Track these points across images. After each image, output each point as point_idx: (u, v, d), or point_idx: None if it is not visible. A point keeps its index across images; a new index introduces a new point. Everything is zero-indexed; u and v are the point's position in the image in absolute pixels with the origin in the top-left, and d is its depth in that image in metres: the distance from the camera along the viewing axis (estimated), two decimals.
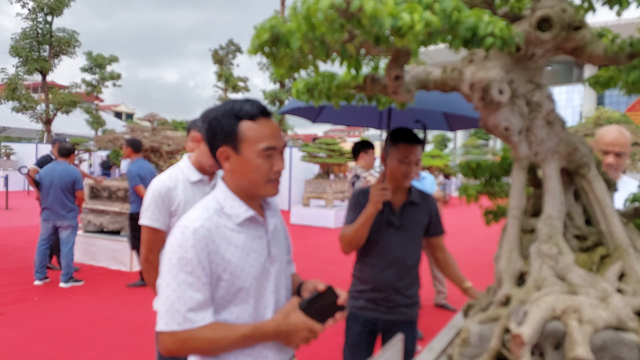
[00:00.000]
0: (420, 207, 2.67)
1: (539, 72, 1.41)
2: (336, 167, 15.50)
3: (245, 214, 1.51)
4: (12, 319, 5.29)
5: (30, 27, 25.36)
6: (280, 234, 1.68)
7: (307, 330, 1.46)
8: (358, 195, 2.65)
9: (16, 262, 7.97)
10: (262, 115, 1.49)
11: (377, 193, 2.39)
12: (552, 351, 1.18)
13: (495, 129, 1.39)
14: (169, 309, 1.41)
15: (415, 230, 2.66)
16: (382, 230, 2.59)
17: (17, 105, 25.28)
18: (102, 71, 30.59)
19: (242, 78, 30.27)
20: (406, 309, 2.66)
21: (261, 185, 1.49)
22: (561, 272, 1.30)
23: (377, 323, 2.63)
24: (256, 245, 1.53)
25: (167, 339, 1.42)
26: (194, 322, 1.40)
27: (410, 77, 1.50)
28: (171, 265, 1.43)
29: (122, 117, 55.39)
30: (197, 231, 1.43)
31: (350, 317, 2.66)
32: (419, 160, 2.61)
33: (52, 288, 6.59)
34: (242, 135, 1.47)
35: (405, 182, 2.58)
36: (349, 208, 2.67)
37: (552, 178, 1.41)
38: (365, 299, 2.64)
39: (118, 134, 8.79)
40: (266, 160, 1.47)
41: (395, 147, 2.57)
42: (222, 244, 1.46)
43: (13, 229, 11.43)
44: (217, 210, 1.51)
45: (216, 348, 1.45)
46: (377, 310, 2.62)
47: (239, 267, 1.47)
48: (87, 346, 4.59)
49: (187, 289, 1.40)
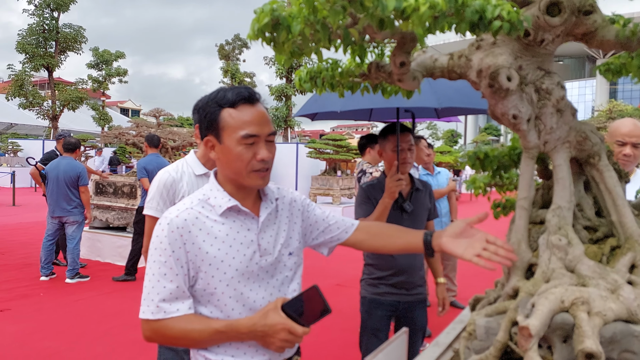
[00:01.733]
0: (423, 193, 2.95)
1: (549, 59, 1.37)
2: (343, 163, 15.44)
3: (226, 204, 1.46)
4: (18, 315, 5.30)
5: (36, 23, 25.47)
6: (283, 226, 1.59)
7: (286, 332, 1.36)
8: (366, 190, 2.84)
9: (22, 258, 8.00)
10: (244, 102, 1.43)
11: (394, 183, 2.58)
12: (561, 344, 1.15)
13: (503, 117, 1.35)
14: (145, 297, 1.41)
15: (423, 214, 2.94)
16: (396, 217, 2.78)
17: (23, 101, 25.40)
18: (108, 67, 30.70)
19: (248, 74, 30.29)
20: (421, 288, 2.91)
21: (245, 175, 1.44)
22: (570, 264, 1.26)
23: (398, 306, 2.85)
24: (241, 237, 1.47)
25: (144, 327, 1.42)
26: (167, 312, 1.38)
27: (416, 64, 1.46)
28: (150, 256, 1.43)
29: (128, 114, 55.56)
30: (172, 222, 1.41)
31: (371, 303, 2.86)
32: (412, 147, 2.83)
33: (58, 284, 6.60)
34: (222, 123, 1.43)
35: (403, 168, 2.78)
36: (359, 203, 2.86)
37: (562, 168, 1.38)
38: (387, 284, 2.84)
39: (124, 129, 8.80)
40: (248, 148, 1.41)
41: (387, 140, 2.84)
42: (201, 234, 1.42)
43: (20, 225, 11.48)
44: (202, 200, 1.48)
45: (189, 340, 1.41)
46: (398, 294, 2.83)
47: (219, 258, 1.42)
48: (92, 341, 4.59)
49: (161, 279, 1.39)
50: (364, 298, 2.92)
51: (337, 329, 4.91)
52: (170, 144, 8.27)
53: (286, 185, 4.08)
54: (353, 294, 5.70)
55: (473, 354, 1.30)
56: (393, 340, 1.35)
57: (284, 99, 27.28)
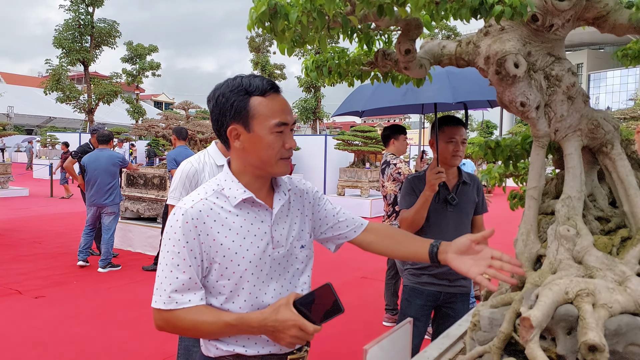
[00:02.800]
0: (470, 186, 2.92)
1: (560, 44, 1.33)
2: (372, 155, 15.31)
3: (241, 195, 1.45)
4: (53, 301, 5.50)
5: (72, 18, 26.15)
6: (295, 218, 1.59)
7: (296, 328, 1.35)
8: (411, 181, 2.87)
9: (58, 247, 8.28)
10: (273, 91, 1.42)
11: (434, 176, 2.59)
12: (564, 336, 1.12)
13: (511, 105, 1.32)
14: (158, 287, 1.41)
15: (469, 208, 2.91)
16: (440, 210, 2.82)
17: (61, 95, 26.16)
18: (142, 61, 31.29)
19: (278, 65, 30.35)
20: (464, 280, 2.87)
21: (273, 163, 1.44)
22: (578, 255, 1.23)
23: (439, 296, 2.85)
24: (255, 229, 1.46)
25: (155, 316, 1.43)
26: (178, 302, 1.39)
27: (423, 52, 1.44)
28: (163, 246, 1.43)
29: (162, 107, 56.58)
30: (187, 212, 1.40)
31: (413, 292, 2.88)
32: (465, 140, 2.84)
33: (91, 272, 6.81)
34: (253, 112, 1.41)
35: (454, 161, 2.80)
36: (404, 194, 2.90)
37: (573, 157, 1.34)
38: (429, 274, 2.84)
39: (154, 121, 8.97)
40: (278, 137, 1.42)
41: (442, 131, 2.83)
42: (215, 226, 1.42)
43: (56, 216, 11.87)
44: (216, 191, 1.47)
45: (200, 332, 1.42)
46: (440, 284, 2.83)
47: (232, 250, 1.42)
48: (122, 327, 4.73)
49: (174, 269, 1.39)
50: (405, 286, 2.95)
51: (361, 320, 4.91)
52: (199, 137, 8.39)
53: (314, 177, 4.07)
54: (378, 287, 5.69)
55: (477, 344, 1.29)
56: (396, 329, 1.34)
57: (313, 91, 27.27)
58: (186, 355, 2.47)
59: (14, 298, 5.56)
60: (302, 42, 1.23)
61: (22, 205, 13.64)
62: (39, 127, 37.08)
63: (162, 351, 4.16)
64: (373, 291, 5.79)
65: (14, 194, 15.74)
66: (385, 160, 5.04)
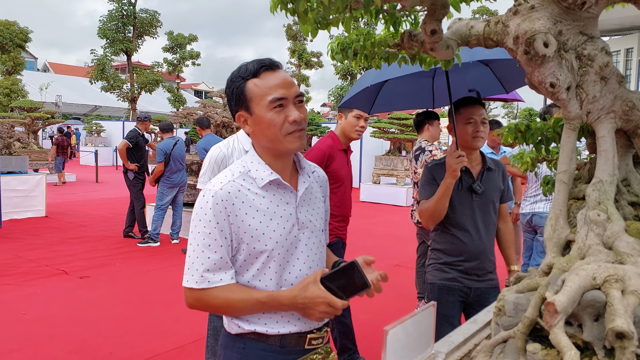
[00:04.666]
0: (496, 173, 2.74)
1: (593, 23, 1.28)
2: (409, 143, 15.13)
3: (268, 177, 1.48)
4: (96, 282, 5.74)
5: (115, 9, 26.79)
6: (317, 201, 1.63)
7: (325, 304, 1.41)
8: (432, 169, 2.68)
9: (102, 231, 8.61)
10: (266, 70, 1.45)
11: (454, 161, 2.43)
12: (591, 322, 1.09)
13: (540, 86, 1.28)
14: (190, 267, 1.45)
15: (495, 196, 2.73)
16: (465, 199, 2.65)
17: (105, 85, 26.91)
18: (182, 51, 31.81)
19: (315, 53, 30.28)
20: (492, 274, 2.72)
21: (281, 140, 1.45)
22: (608, 240, 1.19)
23: (469, 292, 2.68)
24: (281, 210, 1.50)
25: (187, 294, 1.46)
26: (210, 282, 1.43)
27: (451, 33, 1.41)
28: (194, 227, 1.46)
29: (201, 96, 57.49)
30: (216, 194, 1.44)
31: (441, 290, 2.70)
32: (485, 120, 2.64)
33: (132, 255, 7.06)
34: (250, 95, 1.45)
35: (476, 143, 2.61)
36: (424, 182, 2.71)
37: (606, 139, 1.29)
38: (457, 270, 2.68)
39: (193, 109, 9.14)
40: (278, 112, 1.43)
41: (458, 114, 2.65)
42: (243, 207, 1.45)
43: (102, 201, 12.32)
44: (242, 173, 1.50)
45: (231, 309, 1.47)
46: (469, 279, 2.67)
47: (260, 231, 1.45)
48: (161, 309, 4.89)
49: (205, 250, 1.43)
50: (432, 285, 2.75)
51: (394, 308, 4.91)
52: (235, 124, 8.49)
53: None
54: (411, 275, 5.67)
55: (502, 329, 1.27)
56: (419, 311, 1.34)
57: (349, 78, 27.09)
58: (215, 336, 2.55)
59: (61, 278, 5.83)
60: (326, 24, 1.23)
61: (69, 190, 14.24)
62: (85, 116, 38.40)
63: (198, 331, 4.29)
64: (406, 279, 5.77)
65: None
66: (419, 146, 4.94)
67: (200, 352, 3.85)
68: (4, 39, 24.94)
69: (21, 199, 9.38)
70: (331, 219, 3.59)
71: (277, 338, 1.50)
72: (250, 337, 1.51)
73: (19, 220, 9.14)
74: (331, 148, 3.51)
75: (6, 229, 8.42)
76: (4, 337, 4.09)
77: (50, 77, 39.32)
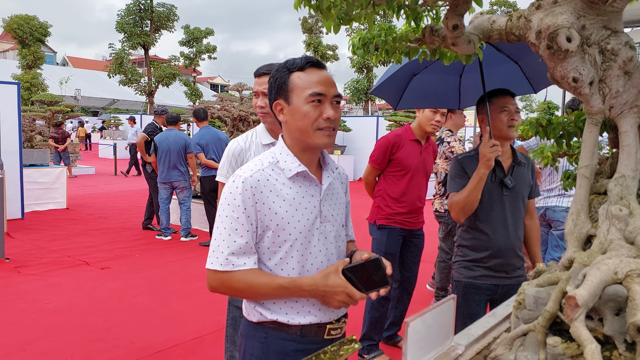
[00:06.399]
0: (525, 167, 2.70)
1: (617, 17, 1.27)
2: None
3: (296, 168, 1.53)
4: (116, 273, 5.85)
5: (133, 3, 26.98)
6: (339, 197, 1.68)
7: (344, 295, 1.45)
8: (462, 161, 2.63)
9: (121, 222, 8.74)
10: (312, 66, 1.51)
11: (488, 150, 2.39)
12: (612, 316, 1.10)
13: (562, 81, 1.28)
14: (215, 250, 1.49)
15: (524, 191, 2.68)
16: (495, 193, 2.59)
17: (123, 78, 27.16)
18: (198, 45, 31.95)
19: (330, 46, 30.18)
20: (520, 270, 2.66)
21: (311, 133, 1.49)
22: (630, 235, 1.19)
23: (496, 290, 2.62)
24: (306, 202, 1.54)
25: (211, 277, 1.51)
26: (235, 265, 1.47)
27: (472, 27, 1.42)
28: (221, 211, 1.50)
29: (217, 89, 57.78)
30: (246, 180, 1.48)
31: (467, 289, 2.65)
32: (518, 110, 2.60)
33: (152, 246, 7.17)
34: (291, 85, 1.50)
35: (511, 132, 2.56)
36: (453, 175, 2.65)
37: (628, 134, 1.29)
38: (484, 267, 2.62)
39: (209, 103, 9.20)
40: (315, 107, 1.48)
41: (492, 104, 2.59)
42: (271, 195, 1.50)
43: (120, 193, 12.50)
44: (271, 163, 1.55)
45: (253, 293, 1.50)
46: (497, 276, 2.61)
47: (285, 220, 1.50)
48: (179, 299, 4.97)
49: (232, 233, 1.47)
50: (458, 282, 2.69)
51: (413, 300, 4.92)
52: (252, 118, 8.53)
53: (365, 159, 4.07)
54: (430, 269, 5.68)
55: (522, 323, 1.28)
56: (439, 304, 1.35)
57: (365, 72, 26.98)
58: (234, 326, 2.58)
59: (83, 268, 5.95)
60: (349, 20, 1.25)
61: (89, 182, 14.46)
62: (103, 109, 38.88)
63: (217, 322, 4.36)
64: (429, 273, 5.78)
65: (82, 172, 16.69)
66: (439, 137, 4.94)
67: (219, 342, 3.91)
68: (24, 33, 25.32)
69: (43, 191, 9.56)
70: (392, 204, 3.66)
71: (297, 328, 1.54)
72: (271, 326, 1.55)
73: (40, 212, 9.32)
74: (399, 137, 3.63)
75: (29, 220, 8.60)
76: (30, 326, 4.21)
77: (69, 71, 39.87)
